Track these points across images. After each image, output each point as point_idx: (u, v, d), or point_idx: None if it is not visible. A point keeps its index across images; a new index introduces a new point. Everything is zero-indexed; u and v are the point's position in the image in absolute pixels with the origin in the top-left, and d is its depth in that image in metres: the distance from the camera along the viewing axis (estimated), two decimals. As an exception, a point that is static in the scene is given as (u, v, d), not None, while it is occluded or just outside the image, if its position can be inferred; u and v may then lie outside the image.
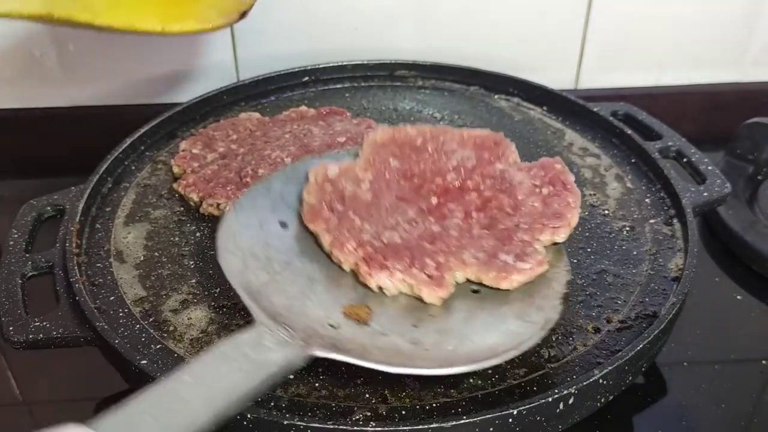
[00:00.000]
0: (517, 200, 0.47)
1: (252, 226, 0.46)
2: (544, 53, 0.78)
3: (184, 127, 0.67)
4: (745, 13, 0.78)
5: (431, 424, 0.38)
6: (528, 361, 0.44)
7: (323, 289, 0.43)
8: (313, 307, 0.42)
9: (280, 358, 0.37)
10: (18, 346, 0.46)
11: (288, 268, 0.44)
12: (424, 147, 0.51)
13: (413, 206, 0.47)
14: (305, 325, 0.40)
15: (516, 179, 0.49)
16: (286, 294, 0.42)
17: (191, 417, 0.32)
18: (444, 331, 0.42)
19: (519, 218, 0.46)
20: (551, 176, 0.49)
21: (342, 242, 0.45)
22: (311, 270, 0.45)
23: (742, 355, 0.54)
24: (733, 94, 0.81)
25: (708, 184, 0.58)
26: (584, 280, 0.51)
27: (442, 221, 0.46)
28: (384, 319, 0.42)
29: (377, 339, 0.41)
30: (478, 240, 0.45)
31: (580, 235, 0.55)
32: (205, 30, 0.52)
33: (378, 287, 0.44)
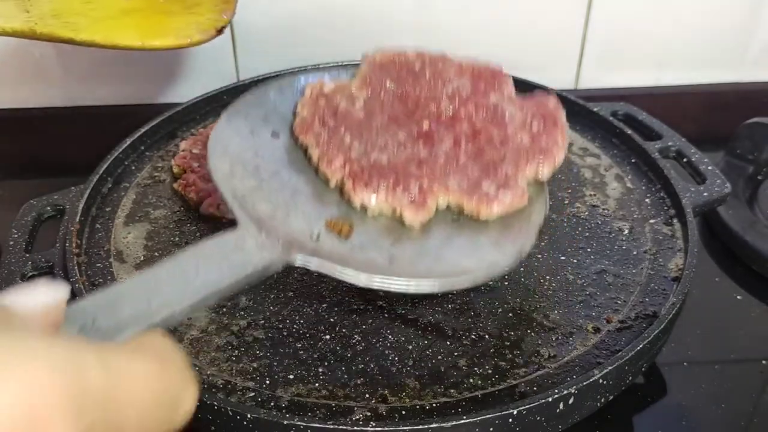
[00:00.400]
0: (506, 133, 0.47)
1: (243, 133, 0.47)
2: (544, 53, 0.78)
3: (184, 127, 0.67)
4: (745, 13, 0.78)
5: (431, 424, 0.38)
6: (528, 361, 0.44)
7: (307, 201, 0.44)
8: (296, 217, 0.42)
9: (259, 261, 0.38)
10: (18, 346, 0.45)
11: (275, 177, 0.45)
12: (422, 72, 0.51)
13: (404, 129, 0.47)
14: (287, 233, 0.40)
15: (508, 112, 0.49)
16: (271, 202, 0.43)
17: (169, 304, 0.33)
18: (421, 252, 0.42)
19: (506, 151, 0.46)
20: (543, 113, 0.49)
21: (330, 158, 0.45)
22: (297, 182, 0.45)
23: (742, 355, 0.54)
24: (733, 94, 0.81)
25: (708, 184, 0.58)
26: (584, 280, 0.51)
27: (430, 147, 0.46)
28: (364, 236, 0.42)
29: (356, 253, 0.41)
30: (464, 168, 0.45)
31: (580, 235, 0.55)
32: (183, 46, 0.53)
33: (361, 205, 0.44)
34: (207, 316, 0.47)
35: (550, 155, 0.47)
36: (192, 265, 0.36)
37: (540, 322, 0.47)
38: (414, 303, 0.49)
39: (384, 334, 0.46)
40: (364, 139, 0.46)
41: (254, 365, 0.44)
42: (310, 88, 0.49)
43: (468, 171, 0.45)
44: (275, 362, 0.44)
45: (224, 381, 0.43)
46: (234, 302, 0.48)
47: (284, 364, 0.44)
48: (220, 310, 0.48)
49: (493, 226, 0.44)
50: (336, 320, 0.47)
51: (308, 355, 0.45)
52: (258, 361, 0.44)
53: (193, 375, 0.26)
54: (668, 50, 0.79)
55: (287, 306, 0.48)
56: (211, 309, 0.48)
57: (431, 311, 0.48)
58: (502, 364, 0.44)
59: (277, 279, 0.50)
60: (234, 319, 0.47)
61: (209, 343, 0.46)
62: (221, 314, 0.48)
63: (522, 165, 0.46)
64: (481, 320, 0.47)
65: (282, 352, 0.45)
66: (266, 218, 0.41)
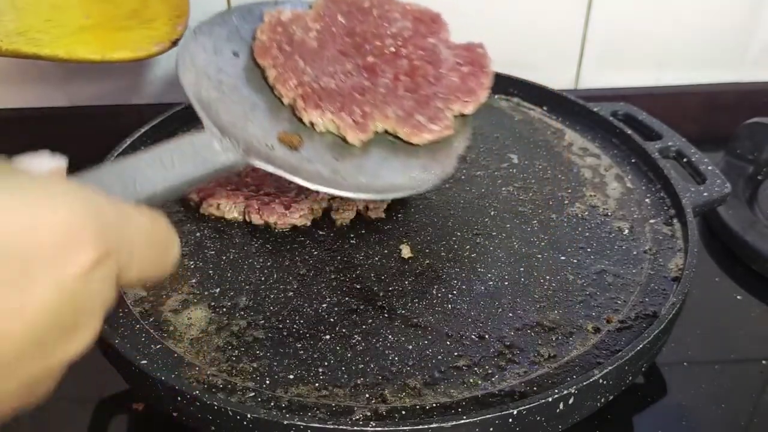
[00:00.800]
0: (439, 72, 0.54)
1: (208, 50, 0.52)
2: (544, 53, 0.78)
3: (184, 127, 0.66)
4: (745, 13, 0.78)
5: (431, 424, 0.38)
6: (528, 361, 0.44)
7: (263, 116, 0.50)
8: (253, 128, 0.48)
9: (224, 160, 0.44)
10: (18, 346, 0.45)
11: (235, 91, 0.50)
12: (370, 11, 0.56)
13: (351, 61, 0.53)
14: (246, 141, 0.46)
15: (443, 55, 0.55)
16: (232, 113, 0.48)
17: (151, 185, 0.39)
18: (360, 167, 0.49)
19: (438, 88, 0.53)
20: (472, 58, 0.55)
21: (285, 78, 0.51)
22: (255, 98, 0.51)
23: (742, 355, 0.54)
24: (733, 94, 0.81)
25: (708, 184, 0.58)
26: (584, 280, 0.51)
27: (373, 78, 0.53)
28: (311, 150, 0.49)
29: (304, 164, 0.48)
30: (401, 100, 0.52)
31: (580, 235, 0.55)
32: (141, 58, 0.57)
33: (310, 123, 0.50)
34: (207, 317, 0.47)
35: (475, 95, 0.54)
36: (168, 156, 0.41)
37: (540, 322, 0.47)
38: (414, 303, 0.49)
39: (384, 334, 0.46)
40: (316, 66, 0.52)
41: (254, 365, 0.44)
42: (269, 16, 0.54)
43: (404, 102, 0.52)
44: (275, 362, 0.44)
45: (224, 381, 0.43)
46: (234, 302, 0.49)
47: (284, 364, 0.44)
48: (220, 310, 0.48)
49: (422, 151, 0.52)
50: (336, 320, 0.47)
51: (308, 355, 0.45)
52: (258, 361, 0.44)
53: (176, 235, 0.32)
54: (668, 50, 0.79)
55: (287, 306, 0.48)
56: (210, 309, 0.48)
57: (431, 311, 0.48)
58: (502, 364, 0.44)
59: (277, 279, 0.50)
60: (234, 319, 0.47)
61: (209, 343, 0.46)
62: (221, 314, 0.48)
63: (451, 101, 0.53)
64: (480, 320, 0.47)
65: (282, 352, 0.45)
66: (228, 126, 0.46)
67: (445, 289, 0.50)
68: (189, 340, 0.46)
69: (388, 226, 0.55)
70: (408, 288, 0.50)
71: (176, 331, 0.46)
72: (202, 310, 0.48)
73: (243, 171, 0.58)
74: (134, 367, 0.42)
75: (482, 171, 0.62)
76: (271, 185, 0.56)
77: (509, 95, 0.72)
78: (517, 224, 0.56)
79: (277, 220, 0.54)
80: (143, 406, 0.48)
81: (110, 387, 0.50)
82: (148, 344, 0.45)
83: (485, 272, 0.51)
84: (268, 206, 0.54)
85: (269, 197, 0.55)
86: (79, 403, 0.52)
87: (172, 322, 0.47)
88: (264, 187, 0.56)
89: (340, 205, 0.55)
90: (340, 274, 0.51)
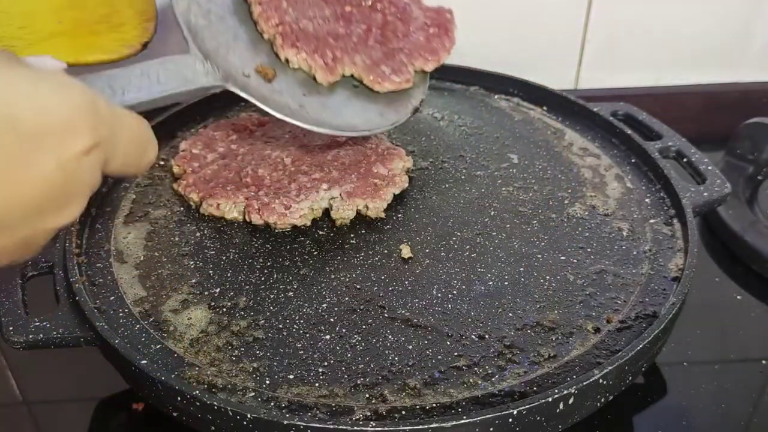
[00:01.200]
0: (408, 30, 0.59)
1: None
2: (544, 53, 0.78)
3: (184, 127, 0.67)
4: (745, 13, 0.78)
5: (431, 424, 0.38)
6: (528, 361, 0.44)
7: (244, 47, 0.54)
8: (233, 57, 0.53)
9: (204, 81, 0.50)
10: (18, 346, 0.46)
11: (222, 21, 0.54)
12: None
13: (330, 8, 0.58)
14: (225, 68, 0.52)
15: (414, 14, 0.60)
16: (216, 41, 0.53)
17: (138, 94, 0.44)
18: (324, 105, 0.55)
19: (405, 44, 0.58)
20: (439, 22, 0.60)
21: (268, 16, 0.55)
22: (239, 29, 0.55)
23: (742, 355, 0.54)
24: (733, 94, 0.81)
25: (708, 184, 0.58)
26: (584, 280, 0.51)
27: (348, 27, 0.57)
28: (283, 83, 0.54)
29: (275, 95, 0.53)
30: (370, 50, 0.57)
31: (580, 235, 0.55)
32: (113, 60, 0.59)
33: (285, 59, 0.55)
34: (207, 317, 0.47)
35: (436, 55, 0.59)
36: (155, 71, 0.46)
37: (540, 322, 0.47)
38: (414, 303, 0.49)
39: (384, 334, 0.46)
40: (297, 8, 0.56)
41: (254, 365, 0.44)
42: None
43: (372, 52, 0.57)
44: (275, 362, 0.44)
45: (224, 381, 0.43)
46: (234, 302, 0.49)
47: (284, 364, 0.44)
48: (220, 310, 0.48)
49: (381, 98, 0.57)
50: (336, 320, 0.47)
51: (308, 355, 0.45)
52: (258, 361, 0.44)
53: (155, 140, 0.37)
54: (668, 50, 0.79)
55: (287, 306, 0.48)
56: (210, 309, 0.48)
57: (431, 311, 0.48)
58: (502, 364, 0.44)
59: (277, 279, 0.51)
60: (234, 320, 0.47)
61: (209, 344, 0.46)
62: (221, 314, 0.48)
63: (414, 57, 0.58)
64: (480, 320, 0.47)
65: (282, 352, 0.45)
66: (211, 53, 0.51)
67: (445, 289, 0.50)
68: (189, 340, 0.46)
69: (388, 226, 0.55)
70: (408, 288, 0.50)
71: (176, 331, 0.46)
72: (202, 310, 0.48)
73: (243, 171, 0.58)
74: (134, 367, 0.42)
75: (482, 171, 0.62)
76: (270, 186, 0.56)
77: (509, 95, 0.72)
78: (517, 224, 0.56)
79: (277, 220, 0.54)
80: (143, 406, 0.48)
81: (110, 387, 0.50)
82: (148, 344, 0.45)
83: (485, 272, 0.51)
84: (268, 206, 0.54)
85: (269, 197, 0.55)
86: (79, 403, 0.52)
87: (172, 322, 0.47)
88: (264, 188, 0.56)
89: (340, 205, 0.55)
90: (340, 274, 0.51)
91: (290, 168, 0.58)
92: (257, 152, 0.60)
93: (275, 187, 0.56)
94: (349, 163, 0.59)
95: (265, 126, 0.65)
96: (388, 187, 0.57)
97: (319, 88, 0.55)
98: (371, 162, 0.59)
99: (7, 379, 0.53)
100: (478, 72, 0.73)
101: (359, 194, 0.55)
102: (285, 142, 0.61)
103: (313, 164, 0.58)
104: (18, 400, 0.52)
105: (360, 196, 0.55)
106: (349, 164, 0.58)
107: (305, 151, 0.60)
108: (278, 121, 0.53)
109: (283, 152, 0.60)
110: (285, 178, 0.57)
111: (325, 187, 0.56)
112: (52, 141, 0.29)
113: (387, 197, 0.56)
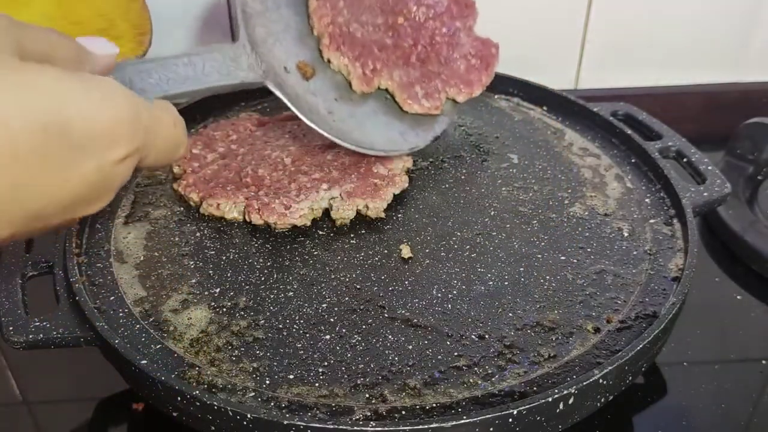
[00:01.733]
0: (451, 56, 0.59)
1: None
2: (544, 53, 0.79)
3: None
4: (745, 13, 0.78)
5: (431, 424, 0.38)
6: (528, 361, 0.44)
7: (292, 40, 0.55)
8: (279, 49, 0.54)
9: (244, 76, 0.50)
10: (18, 346, 0.46)
11: (276, 10, 0.55)
12: None
13: (383, 17, 0.58)
14: (269, 60, 0.52)
15: (461, 41, 0.60)
16: (267, 29, 0.53)
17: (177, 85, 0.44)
18: (352, 114, 0.56)
19: (444, 69, 0.59)
20: (483, 54, 0.60)
21: (322, 13, 0.56)
22: (291, 20, 0.56)
23: (742, 355, 0.54)
24: (733, 94, 0.81)
25: (708, 184, 0.58)
26: (584, 280, 0.51)
27: (395, 39, 0.58)
28: (320, 84, 0.55)
29: (308, 95, 0.54)
30: (410, 67, 0.58)
31: (580, 235, 0.55)
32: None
33: (328, 60, 0.56)
34: (207, 317, 0.47)
35: (471, 87, 0.59)
36: (201, 61, 0.47)
37: (540, 322, 0.47)
38: (414, 303, 0.49)
39: (384, 334, 0.46)
40: (353, 10, 0.57)
41: (254, 365, 0.44)
42: None
43: (411, 71, 0.58)
44: (275, 362, 0.44)
45: (224, 381, 0.43)
46: (234, 302, 0.49)
47: (284, 364, 0.44)
48: (220, 310, 0.48)
49: (407, 118, 0.57)
50: (336, 320, 0.47)
51: (308, 355, 0.45)
52: (258, 361, 0.44)
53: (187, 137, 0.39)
54: (668, 50, 0.79)
55: (287, 306, 0.48)
56: (210, 309, 0.48)
57: (431, 311, 0.48)
58: (502, 364, 0.44)
59: (277, 279, 0.51)
60: (234, 319, 0.47)
61: (209, 344, 0.46)
62: (221, 314, 0.48)
63: (449, 85, 0.58)
64: (480, 320, 0.47)
65: (282, 352, 0.45)
66: (260, 42, 0.52)
67: (445, 289, 0.50)
68: (189, 340, 0.46)
69: (388, 226, 0.55)
70: (408, 288, 0.50)
71: (176, 331, 0.46)
72: (202, 310, 0.48)
73: (243, 171, 0.58)
74: (134, 367, 0.42)
75: (482, 171, 0.62)
76: (270, 186, 0.56)
77: (509, 95, 0.72)
78: (517, 224, 0.56)
79: (277, 220, 0.54)
80: (143, 406, 0.48)
81: (110, 387, 0.50)
82: (148, 344, 0.45)
83: (485, 272, 0.51)
84: (268, 206, 0.54)
85: (269, 197, 0.55)
86: (79, 403, 0.52)
87: (172, 322, 0.47)
88: (264, 188, 0.56)
89: (340, 205, 0.55)
90: (340, 274, 0.51)
91: (290, 168, 0.58)
92: (257, 152, 0.60)
93: (275, 187, 0.56)
94: (349, 163, 0.59)
95: (265, 126, 0.65)
96: (388, 187, 0.57)
97: (351, 95, 0.56)
98: (371, 162, 0.59)
99: (7, 379, 0.53)
100: (478, 72, 0.72)
101: (359, 194, 0.55)
102: (285, 142, 0.61)
103: (313, 164, 0.58)
104: (18, 400, 0.52)
105: (360, 196, 0.55)
106: (349, 164, 0.58)
107: (305, 151, 0.60)
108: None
109: (283, 152, 0.60)
110: (285, 178, 0.57)
111: (325, 187, 0.56)
112: (95, 147, 0.31)
113: (387, 197, 0.56)
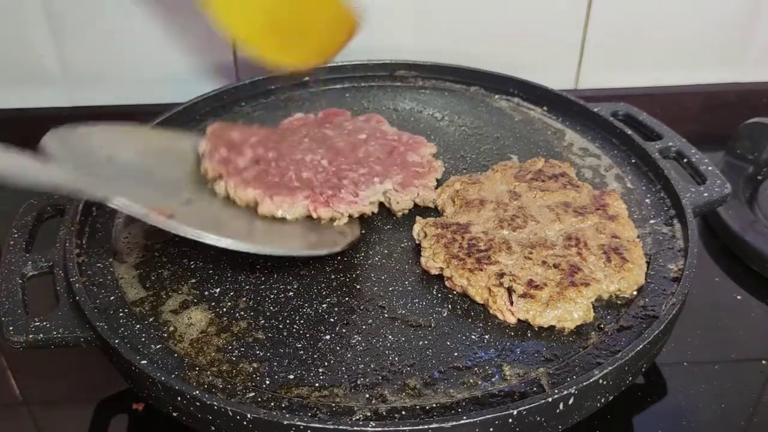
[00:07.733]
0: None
1: None
2: (544, 53, 0.78)
3: (183, 127, 0.67)
4: (745, 13, 0.78)
5: (431, 424, 0.38)
6: (528, 361, 0.44)
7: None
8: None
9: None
10: (18, 346, 0.46)
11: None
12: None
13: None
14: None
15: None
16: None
17: None
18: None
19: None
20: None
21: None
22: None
23: (742, 355, 0.54)
24: (733, 94, 0.81)
25: (708, 185, 0.58)
26: (584, 280, 0.50)
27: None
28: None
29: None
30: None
31: (580, 235, 0.55)
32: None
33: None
34: (207, 317, 0.47)
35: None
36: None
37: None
38: (414, 303, 0.49)
39: (384, 334, 0.46)
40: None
41: (254, 365, 0.44)
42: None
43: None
44: (275, 362, 0.44)
45: (224, 381, 0.43)
46: (234, 302, 0.49)
47: (284, 364, 0.44)
48: (220, 311, 0.48)
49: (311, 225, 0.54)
50: (336, 320, 0.47)
51: (308, 355, 0.45)
52: (258, 362, 0.44)
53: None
54: (668, 50, 0.79)
55: (287, 306, 0.48)
56: (210, 309, 0.48)
57: (431, 311, 0.48)
58: (501, 364, 0.44)
59: (277, 279, 0.50)
60: (234, 320, 0.47)
61: (209, 344, 0.46)
62: (221, 315, 0.48)
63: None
64: (480, 321, 0.47)
65: (282, 353, 0.45)
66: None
67: (445, 289, 0.50)
68: (189, 341, 0.46)
69: (388, 226, 0.55)
70: (408, 288, 0.50)
71: (176, 331, 0.46)
72: (202, 310, 0.48)
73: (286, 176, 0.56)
74: (134, 367, 0.42)
75: (482, 171, 0.62)
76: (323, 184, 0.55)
77: (509, 95, 0.72)
78: (517, 224, 0.56)
79: (347, 208, 0.53)
80: (143, 406, 0.48)
81: (110, 387, 0.50)
82: (148, 344, 0.45)
83: (485, 272, 0.51)
84: (335, 197, 0.53)
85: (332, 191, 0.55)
86: (79, 403, 0.52)
87: (172, 322, 0.47)
88: (317, 188, 0.55)
89: (396, 196, 0.56)
90: (340, 274, 0.51)
91: (331, 168, 0.57)
92: (288, 157, 0.58)
93: (328, 185, 0.55)
94: (383, 157, 0.59)
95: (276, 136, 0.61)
96: (430, 173, 0.58)
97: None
98: (401, 153, 0.59)
99: (7, 379, 0.53)
100: (478, 72, 0.72)
101: (410, 183, 0.56)
102: (309, 145, 0.60)
103: (350, 162, 0.58)
104: (18, 400, 0.52)
105: (412, 184, 0.56)
106: (384, 157, 0.59)
107: (335, 153, 0.59)
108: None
109: (315, 155, 0.58)
110: (332, 177, 0.56)
111: (377, 180, 0.56)
112: None
113: (431, 184, 0.57)
